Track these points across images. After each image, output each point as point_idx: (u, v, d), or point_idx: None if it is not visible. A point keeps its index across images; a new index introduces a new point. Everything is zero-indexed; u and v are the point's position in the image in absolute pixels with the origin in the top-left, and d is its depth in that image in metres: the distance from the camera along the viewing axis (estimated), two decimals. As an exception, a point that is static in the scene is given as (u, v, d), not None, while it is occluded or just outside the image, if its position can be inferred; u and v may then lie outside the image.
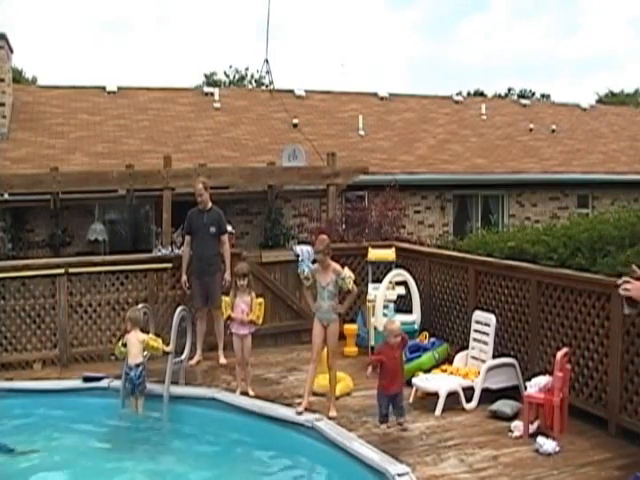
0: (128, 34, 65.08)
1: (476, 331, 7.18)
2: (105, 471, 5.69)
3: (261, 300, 7.10)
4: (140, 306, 7.23)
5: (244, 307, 6.98)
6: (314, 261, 6.97)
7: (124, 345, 6.64)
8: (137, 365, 6.55)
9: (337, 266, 6.47)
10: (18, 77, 23.06)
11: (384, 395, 6.00)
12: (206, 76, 41.89)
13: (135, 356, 6.59)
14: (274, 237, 13.71)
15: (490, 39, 69.84)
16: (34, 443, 6.12)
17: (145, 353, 6.68)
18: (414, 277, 8.25)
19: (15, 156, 13.95)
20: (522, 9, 71.37)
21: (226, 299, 7.12)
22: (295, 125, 16.96)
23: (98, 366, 7.98)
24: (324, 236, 6.80)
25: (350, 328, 8.74)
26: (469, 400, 6.53)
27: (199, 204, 8.33)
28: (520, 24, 71.09)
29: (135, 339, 6.61)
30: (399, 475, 4.80)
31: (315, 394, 6.76)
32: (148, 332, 7.05)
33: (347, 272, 6.47)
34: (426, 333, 7.92)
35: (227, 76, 41.56)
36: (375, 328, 7.91)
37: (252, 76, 40.18)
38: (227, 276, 8.15)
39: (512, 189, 17.24)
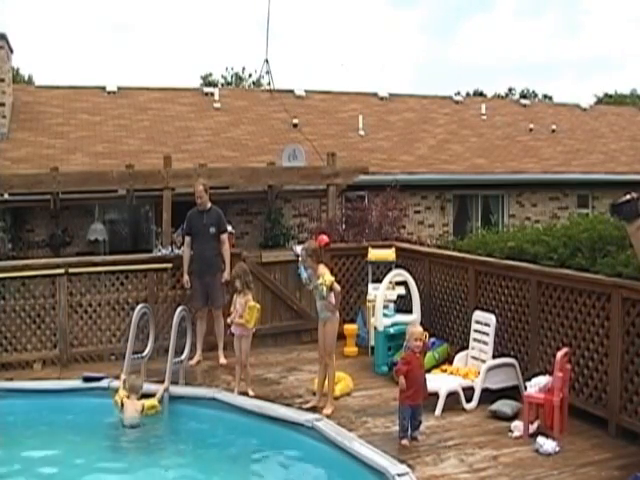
0: (128, 34, 65.12)
1: (476, 331, 7.18)
2: (104, 471, 5.68)
3: (253, 304, 6.97)
4: (140, 306, 7.22)
5: (238, 308, 6.99)
6: None
7: (121, 405, 6.39)
8: (132, 426, 6.31)
9: (321, 270, 6.46)
10: (15, 76, 23.01)
11: (409, 406, 5.70)
12: (203, 77, 41.86)
13: (132, 418, 6.35)
14: (274, 237, 13.72)
15: (492, 39, 69.90)
16: (34, 443, 6.12)
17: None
18: (414, 277, 8.25)
19: (15, 156, 13.94)
20: (524, 9, 71.39)
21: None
22: (295, 125, 16.95)
23: (98, 366, 7.98)
24: (320, 237, 6.81)
25: (350, 328, 8.74)
26: (469, 400, 6.53)
27: (198, 205, 8.34)
28: (522, 24, 71.15)
29: (132, 407, 6.40)
30: (399, 475, 4.79)
31: (314, 393, 6.78)
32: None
33: (322, 279, 6.39)
34: (426, 333, 7.91)
35: (224, 78, 41.51)
36: (375, 328, 7.91)
37: (250, 75, 40.15)
38: (226, 275, 8.15)
39: (512, 189, 17.23)
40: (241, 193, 13.82)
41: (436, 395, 6.35)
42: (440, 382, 6.56)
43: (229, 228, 9.29)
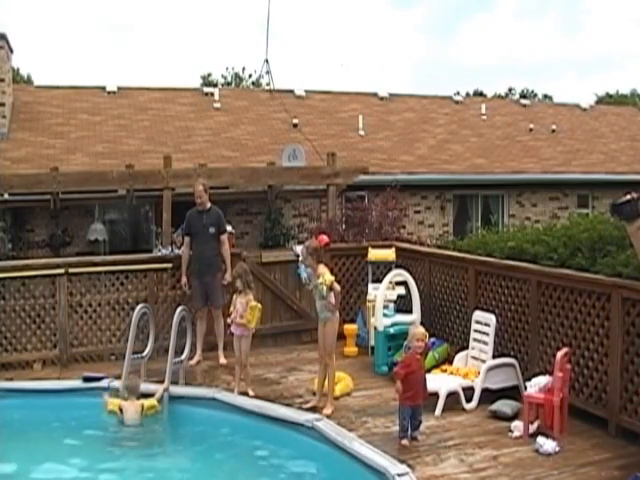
0: (128, 34, 65.12)
1: (476, 331, 7.18)
2: (104, 471, 5.68)
3: (255, 304, 6.97)
4: (140, 306, 7.22)
5: (239, 308, 6.98)
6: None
7: (120, 410, 6.39)
8: (132, 427, 6.31)
9: (321, 270, 6.46)
10: (15, 76, 23.03)
11: (409, 406, 5.71)
12: (203, 77, 41.86)
13: (132, 419, 6.36)
14: (274, 237, 13.72)
15: (492, 39, 69.88)
16: (34, 443, 6.12)
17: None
18: (414, 277, 8.24)
19: (15, 156, 13.94)
20: (524, 9, 71.36)
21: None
22: (295, 125, 16.95)
23: (98, 366, 7.98)
24: (320, 237, 6.81)
25: (350, 328, 8.74)
26: (469, 400, 6.53)
27: (198, 205, 8.34)
28: (522, 24, 71.12)
29: (132, 408, 6.40)
30: (399, 475, 4.79)
31: (314, 393, 6.78)
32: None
33: (322, 279, 6.39)
34: (426, 334, 7.91)
35: (224, 78, 41.50)
36: (375, 328, 7.91)
37: (250, 75, 40.13)
38: (227, 276, 8.13)
39: (512, 189, 17.23)
40: (241, 193, 13.82)
41: (436, 395, 6.35)
42: (440, 382, 6.56)
43: (229, 228, 9.29)
